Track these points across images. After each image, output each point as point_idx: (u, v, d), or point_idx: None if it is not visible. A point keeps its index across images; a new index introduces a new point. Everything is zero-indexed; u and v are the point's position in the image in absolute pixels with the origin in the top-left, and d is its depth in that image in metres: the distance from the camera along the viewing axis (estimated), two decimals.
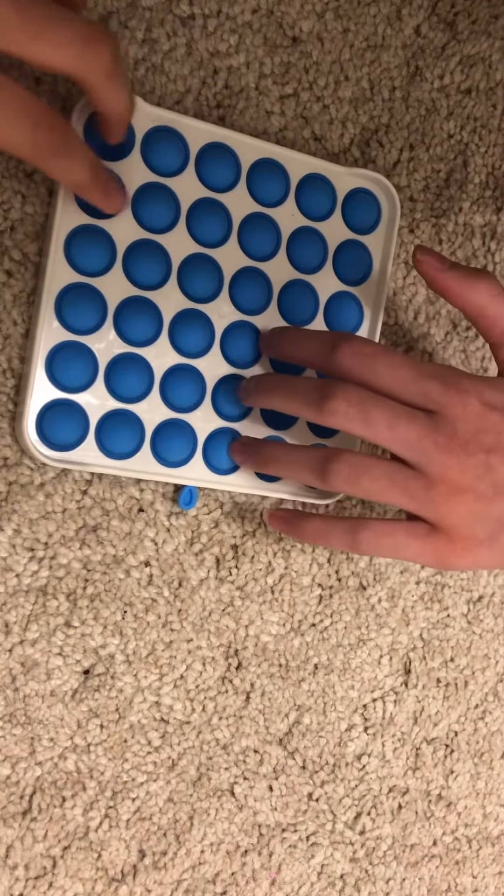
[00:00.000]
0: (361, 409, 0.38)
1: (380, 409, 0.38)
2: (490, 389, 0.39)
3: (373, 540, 0.40)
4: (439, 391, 0.38)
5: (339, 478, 0.39)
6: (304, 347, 0.41)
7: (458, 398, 0.38)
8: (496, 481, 0.39)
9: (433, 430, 0.38)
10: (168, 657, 0.44)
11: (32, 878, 0.42)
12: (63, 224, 0.39)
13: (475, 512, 0.39)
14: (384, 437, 0.38)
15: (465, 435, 0.38)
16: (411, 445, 0.38)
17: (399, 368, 0.38)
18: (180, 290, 0.42)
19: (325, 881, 0.49)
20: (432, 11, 0.48)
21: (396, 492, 0.39)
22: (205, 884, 0.46)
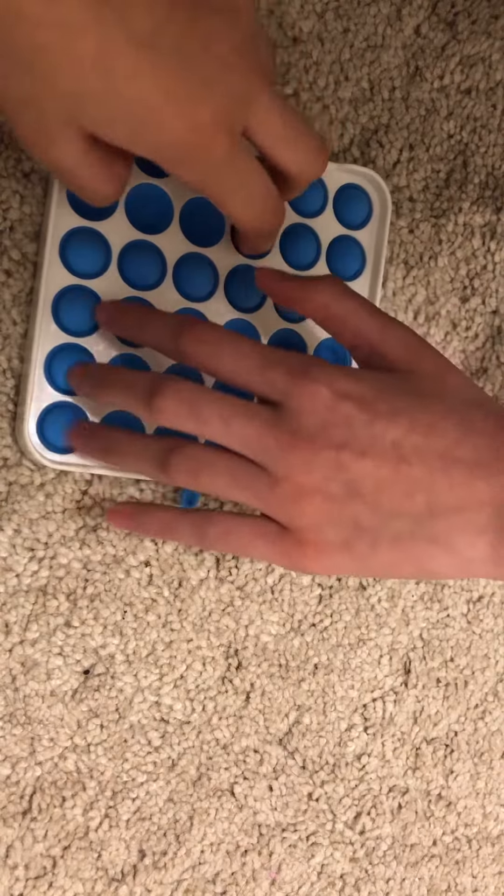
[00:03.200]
0: (192, 406, 0.34)
1: (213, 405, 0.34)
2: (344, 378, 0.35)
3: (220, 536, 0.37)
4: (284, 380, 0.34)
5: (180, 472, 0.35)
6: (150, 331, 0.37)
7: (304, 388, 0.34)
8: (348, 481, 0.34)
9: (274, 426, 0.34)
10: (168, 657, 0.44)
11: (32, 878, 0.42)
12: (57, 226, 0.39)
13: (325, 514, 0.35)
14: (220, 436, 0.35)
15: (310, 429, 0.34)
16: (251, 443, 0.34)
17: (244, 357, 0.35)
18: (176, 290, 0.42)
19: (325, 881, 0.49)
20: (432, 11, 0.48)
21: (240, 490, 0.35)
22: (205, 884, 0.46)
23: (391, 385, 0.36)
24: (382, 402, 0.35)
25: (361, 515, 0.35)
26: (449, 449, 0.34)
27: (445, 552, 0.35)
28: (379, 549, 0.35)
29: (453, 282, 0.50)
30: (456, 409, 0.35)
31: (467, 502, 0.34)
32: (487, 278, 0.51)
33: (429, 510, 0.35)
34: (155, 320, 0.38)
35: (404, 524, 0.35)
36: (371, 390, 0.35)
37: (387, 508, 0.35)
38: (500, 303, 0.51)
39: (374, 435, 0.34)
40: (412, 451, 0.34)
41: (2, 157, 0.39)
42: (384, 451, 0.34)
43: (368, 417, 0.34)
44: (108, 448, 0.38)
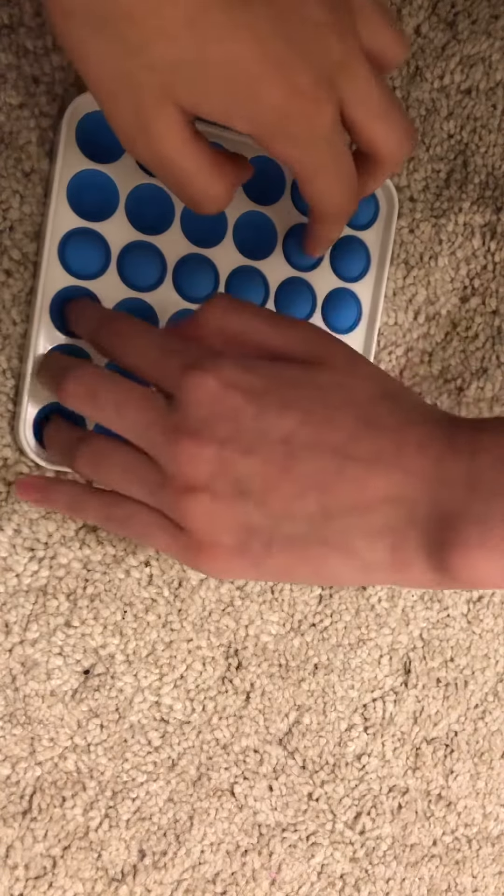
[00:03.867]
0: (90, 390, 0.33)
1: (110, 391, 0.33)
2: (235, 368, 0.32)
3: (125, 520, 0.35)
4: (176, 370, 0.32)
5: (82, 462, 0.35)
6: (81, 323, 0.37)
7: (192, 378, 0.32)
8: (235, 479, 0.32)
9: (164, 418, 0.32)
10: (168, 657, 0.44)
11: (32, 878, 0.42)
12: (57, 227, 0.39)
13: (214, 515, 0.32)
14: (114, 423, 0.33)
15: (196, 422, 0.32)
16: (140, 433, 0.33)
17: (146, 348, 0.34)
18: (176, 291, 0.42)
19: (325, 881, 0.49)
20: (432, 11, 0.48)
21: (134, 484, 0.34)
22: (205, 884, 0.46)
23: (288, 377, 0.33)
24: (273, 394, 0.32)
25: (252, 517, 0.32)
26: (344, 444, 0.32)
27: (343, 556, 0.33)
28: (273, 552, 0.33)
29: (453, 282, 0.50)
30: (358, 402, 0.33)
31: (364, 502, 0.32)
32: (487, 278, 0.51)
33: (322, 511, 0.32)
34: (84, 316, 0.37)
35: (297, 526, 0.32)
36: (262, 381, 0.32)
37: (277, 509, 0.32)
38: (500, 303, 0.51)
39: (261, 429, 0.32)
40: (303, 446, 0.32)
41: (2, 157, 0.39)
42: (272, 447, 0.32)
43: (256, 410, 0.32)
44: (46, 438, 0.39)
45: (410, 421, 0.33)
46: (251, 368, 0.33)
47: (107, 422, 0.33)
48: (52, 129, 0.40)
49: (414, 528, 0.32)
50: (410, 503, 0.32)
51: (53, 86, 0.40)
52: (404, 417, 0.33)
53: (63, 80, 0.40)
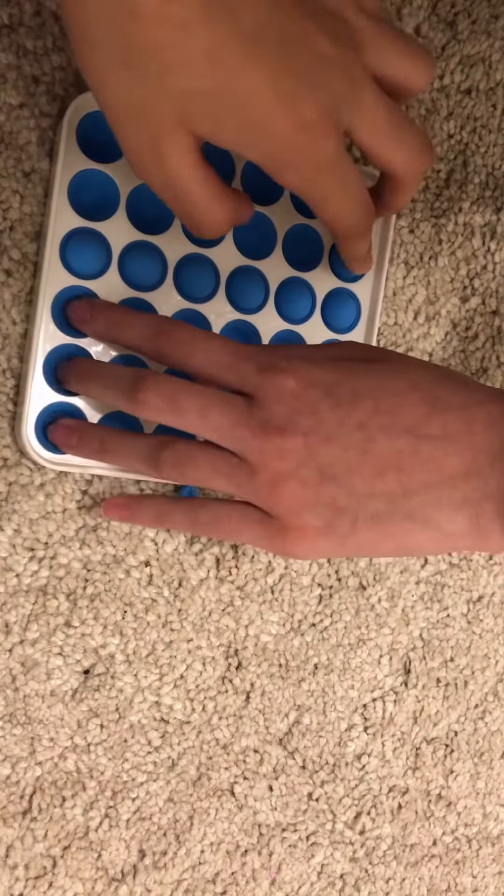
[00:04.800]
0: (171, 399, 0.35)
1: (191, 397, 0.36)
2: (311, 366, 0.36)
3: (211, 523, 0.38)
4: (253, 373, 0.36)
5: (167, 467, 0.37)
6: (124, 333, 0.38)
7: (272, 379, 0.35)
8: (320, 465, 0.35)
9: (248, 416, 0.35)
10: (168, 657, 0.44)
11: (32, 878, 0.42)
12: (58, 227, 0.39)
13: (302, 499, 0.36)
14: (197, 427, 0.36)
15: (279, 419, 0.35)
16: (226, 434, 0.36)
17: (216, 353, 0.36)
18: (176, 291, 0.42)
19: (325, 881, 0.49)
20: (432, 11, 0.48)
21: (222, 480, 0.36)
22: (205, 884, 0.46)
23: (355, 370, 0.36)
24: (345, 386, 0.36)
25: (337, 498, 0.36)
26: (416, 425, 0.35)
27: (423, 528, 0.36)
28: (358, 529, 0.36)
29: (453, 282, 0.50)
30: (421, 386, 0.36)
31: (440, 477, 0.35)
32: (487, 278, 0.51)
33: (402, 488, 0.35)
34: (130, 323, 0.38)
35: (380, 503, 0.36)
36: (334, 376, 0.36)
37: (360, 489, 0.35)
38: (500, 303, 0.51)
39: (339, 419, 0.35)
40: (378, 430, 0.35)
41: (2, 157, 0.39)
42: (351, 434, 0.35)
43: (332, 402, 0.35)
44: (102, 447, 0.39)
45: (476, 400, 0.36)
46: (321, 365, 0.36)
47: (189, 427, 0.36)
48: (52, 129, 0.40)
49: (489, 500, 0.35)
50: (483, 478, 0.35)
51: (53, 86, 0.40)
52: (469, 397, 0.36)
53: (63, 80, 0.40)
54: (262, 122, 0.30)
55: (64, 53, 0.40)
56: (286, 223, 0.44)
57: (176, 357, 0.37)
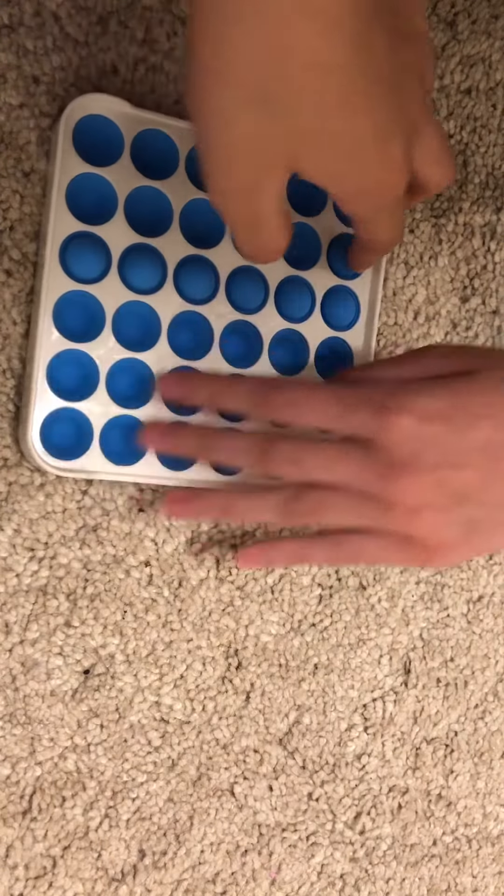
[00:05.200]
0: (296, 462, 0.38)
1: (314, 457, 0.38)
2: (423, 399, 0.37)
3: (355, 554, 0.40)
4: (367, 420, 0.37)
5: (302, 516, 0.39)
6: (231, 402, 0.41)
7: (387, 423, 0.37)
8: (453, 491, 0.37)
9: (371, 461, 0.37)
10: (168, 657, 0.44)
11: (32, 878, 0.42)
12: (57, 231, 0.39)
13: (440, 522, 0.38)
14: (326, 480, 0.38)
15: (403, 459, 0.37)
16: (353, 481, 0.38)
17: (324, 407, 0.38)
18: (177, 293, 0.42)
19: (325, 881, 0.49)
20: (432, 11, 0.48)
21: (358, 519, 0.38)
22: (205, 884, 0.46)
23: (463, 389, 0.38)
24: (460, 411, 0.37)
25: (473, 513, 0.38)
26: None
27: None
28: (495, 533, 0.39)
29: (453, 282, 0.50)
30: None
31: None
32: (487, 278, 0.51)
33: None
34: (231, 394, 0.41)
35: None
36: (446, 403, 0.37)
37: (493, 501, 0.38)
38: (500, 303, 0.51)
39: (461, 445, 0.37)
40: (501, 446, 0.37)
41: (2, 157, 0.39)
42: (476, 456, 0.37)
43: (452, 430, 0.37)
44: (227, 511, 0.42)
45: None
46: (430, 394, 0.37)
47: (318, 480, 0.38)
48: (52, 130, 0.40)
49: None
50: None
51: (53, 86, 0.40)
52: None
53: (63, 80, 0.40)
54: (361, 163, 0.31)
55: (64, 53, 0.40)
56: None
57: (285, 419, 0.39)
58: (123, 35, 0.41)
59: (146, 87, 0.42)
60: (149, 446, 0.41)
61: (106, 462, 0.41)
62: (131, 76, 0.42)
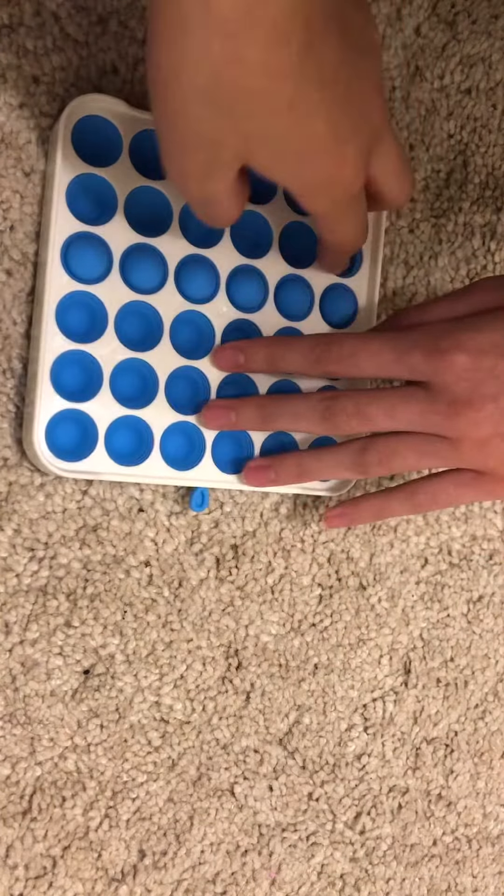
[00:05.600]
0: (359, 413, 0.39)
1: (375, 405, 0.39)
2: (475, 333, 0.38)
3: (430, 499, 0.41)
4: (421, 362, 0.38)
5: (374, 467, 0.40)
6: (288, 363, 0.42)
7: (442, 363, 0.38)
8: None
9: (431, 402, 0.38)
10: (168, 657, 0.44)
11: (32, 878, 0.42)
12: (59, 233, 0.39)
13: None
14: (389, 426, 0.39)
15: (464, 395, 0.38)
16: (417, 423, 0.39)
17: (379, 355, 0.39)
18: (178, 292, 0.42)
19: (325, 881, 0.49)
20: (432, 11, 0.48)
21: (429, 460, 0.40)
22: (205, 884, 0.46)
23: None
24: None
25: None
26: None
27: None
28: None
29: (453, 282, 0.50)
30: None
31: None
32: None
33: None
34: (287, 355, 0.42)
35: None
36: (493, 335, 0.38)
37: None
38: None
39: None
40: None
41: (2, 157, 0.39)
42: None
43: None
44: (302, 471, 0.43)
45: None
46: (482, 330, 0.38)
47: (382, 428, 0.40)
48: (52, 129, 0.40)
49: None
50: None
51: (53, 86, 0.40)
52: None
53: (63, 80, 0.40)
54: (312, 160, 0.32)
55: (64, 53, 0.40)
56: (281, 221, 0.44)
57: (343, 372, 0.40)
58: (123, 35, 0.41)
59: (146, 87, 0.42)
60: (212, 426, 0.43)
61: (111, 463, 0.41)
62: (131, 76, 0.42)
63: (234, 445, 0.44)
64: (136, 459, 0.41)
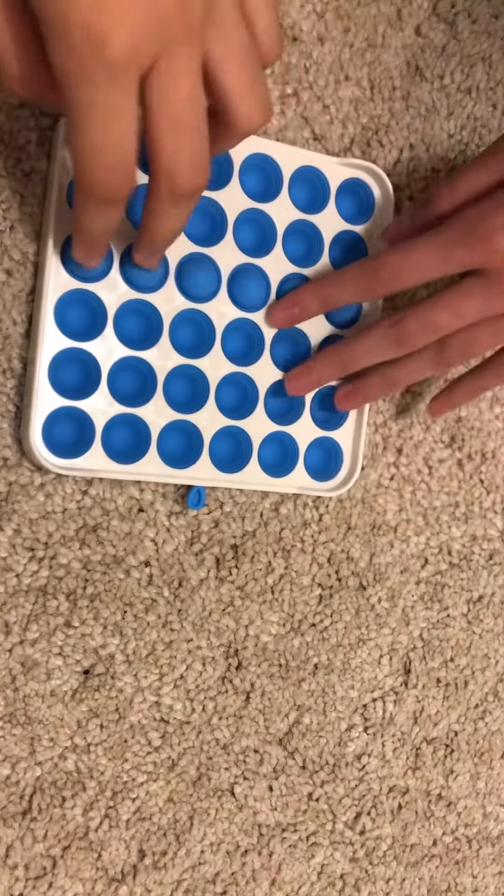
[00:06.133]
0: (428, 325, 0.41)
1: (439, 312, 0.41)
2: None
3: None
4: (466, 255, 0.39)
5: (456, 358, 0.42)
6: (341, 296, 0.43)
7: (487, 248, 0.39)
8: None
9: (489, 287, 0.40)
10: (168, 657, 0.44)
11: (32, 878, 0.42)
12: (58, 231, 0.39)
13: None
14: (462, 325, 0.41)
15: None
16: (485, 310, 0.40)
17: (425, 261, 0.40)
18: (179, 291, 0.42)
19: (325, 881, 0.49)
20: (432, 11, 0.48)
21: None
22: (205, 884, 0.46)
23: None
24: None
25: None
26: None
27: None
28: None
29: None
30: None
31: None
32: None
33: None
34: (337, 290, 0.42)
35: None
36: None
37: None
38: None
39: None
40: None
41: (2, 157, 0.39)
42: None
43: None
44: (389, 382, 0.45)
45: None
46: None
47: (455, 328, 0.41)
48: (52, 129, 0.40)
49: None
50: None
51: None
52: None
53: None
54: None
55: None
56: (285, 220, 0.44)
57: (395, 289, 0.41)
58: None
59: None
60: (298, 393, 0.45)
61: (108, 460, 0.41)
62: None
63: (232, 444, 0.44)
64: (134, 457, 0.41)
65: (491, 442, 0.52)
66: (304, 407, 0.46)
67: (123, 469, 0.41)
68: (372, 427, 0.49)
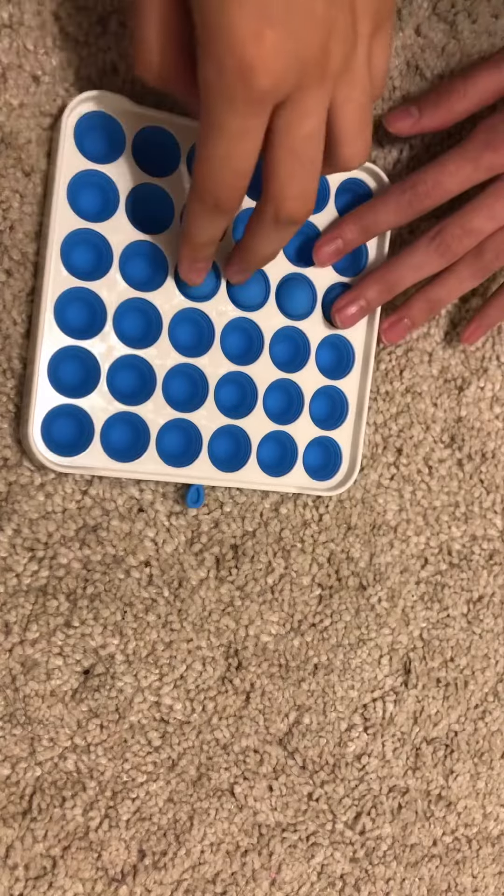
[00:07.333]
0: (467, 231, 0.43)
1: (475, 217, 0.43)
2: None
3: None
4: (495, 157, 0.41)
5: (493, 262, 0.44)
6: (384, 222, 0.44)
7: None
8: None
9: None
10: (168, 657, 0.44)
11: (32, 878, 0.42)
12: (59, 228, 0.39)
13: None
14: (498, 226, 0.43)
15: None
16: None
17: (459, 172, 0.42)
18: (177, 290, 0.42)
19: (325, 881, 0.49)
20: (432, 11, 0.48)
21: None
22: (205, 884, 0.46)
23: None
24: None
25: None
26: None
27: None
28: None
29: None
30: None
31: None
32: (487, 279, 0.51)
33: None
34: (379, 217, 0.44)
35: None
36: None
37: None
38: None
39: None
40: None
41: (2, 156, 0.39)
42: None
43: None
44: (433, 303, 0.46)
45: None
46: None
47: (492, 230, 0.43)
48: (52, 129, 0.40)
49: None
50: None
51: (54, 85, 0.40)
52: None
53: (63, 80, 0.40)
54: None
55: (64, 53, 0.40)
56: None
57: (436, 202, 0.43)
58: (123, 35, 0.41)
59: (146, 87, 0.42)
60: (350, 323, 0.45)
61: (107, 459, 0.41)
62: (131, 76, 0.42)
63: (231, 443, 0.44)
64: (133, 455, 0.41)
65: (491, 442, 0.52)
66: (303, 406, 0.46)
67: (122, 467, 0.41)
68: (372, 427, 0.49)
